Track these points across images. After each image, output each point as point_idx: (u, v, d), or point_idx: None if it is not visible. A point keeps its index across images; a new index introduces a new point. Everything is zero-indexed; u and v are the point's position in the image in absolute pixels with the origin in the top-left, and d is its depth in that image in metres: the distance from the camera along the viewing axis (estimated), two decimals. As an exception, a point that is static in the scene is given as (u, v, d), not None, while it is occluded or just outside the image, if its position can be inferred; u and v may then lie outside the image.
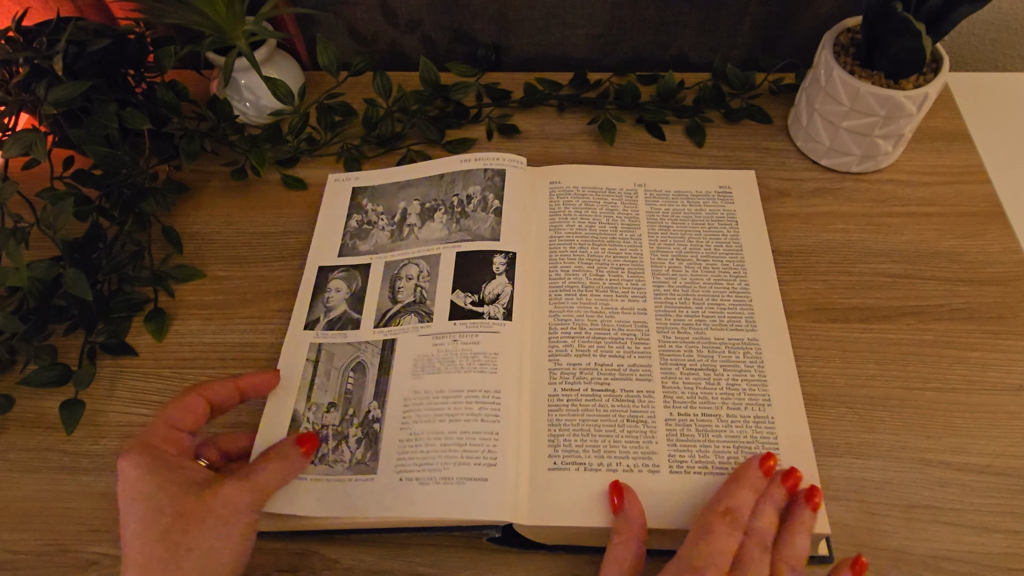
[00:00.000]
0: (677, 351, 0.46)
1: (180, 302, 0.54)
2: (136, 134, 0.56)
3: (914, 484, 0.44)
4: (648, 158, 0.61)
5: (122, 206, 0.54)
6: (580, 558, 0.42)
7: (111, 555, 0.43)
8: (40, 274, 0.48)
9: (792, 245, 0.54)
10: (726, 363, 0.46)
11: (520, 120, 0.64)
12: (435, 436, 0.42)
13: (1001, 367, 0.48)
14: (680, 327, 0.47)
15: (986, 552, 0.41)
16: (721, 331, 0.47)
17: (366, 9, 0.65)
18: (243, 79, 0.62)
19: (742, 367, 0.45)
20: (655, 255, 0.51)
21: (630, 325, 0.47)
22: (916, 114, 0.53)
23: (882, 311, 0.51)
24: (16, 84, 0.51)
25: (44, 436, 0.48)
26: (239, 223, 0.58)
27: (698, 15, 0.64)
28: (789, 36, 0.65)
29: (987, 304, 0.51)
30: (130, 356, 0.51)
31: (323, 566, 0.42)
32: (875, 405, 0.47)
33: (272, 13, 0.57)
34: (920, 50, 0.48)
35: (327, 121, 0.62)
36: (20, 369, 0.50)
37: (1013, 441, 0.45)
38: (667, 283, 0.50)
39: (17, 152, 0.50)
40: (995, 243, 0.54)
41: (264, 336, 0.51)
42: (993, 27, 0.69)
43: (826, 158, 0.58)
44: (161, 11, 0.54)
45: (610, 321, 0.48)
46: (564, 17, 0.65)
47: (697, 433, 0.43)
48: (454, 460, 0.41)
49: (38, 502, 0.45)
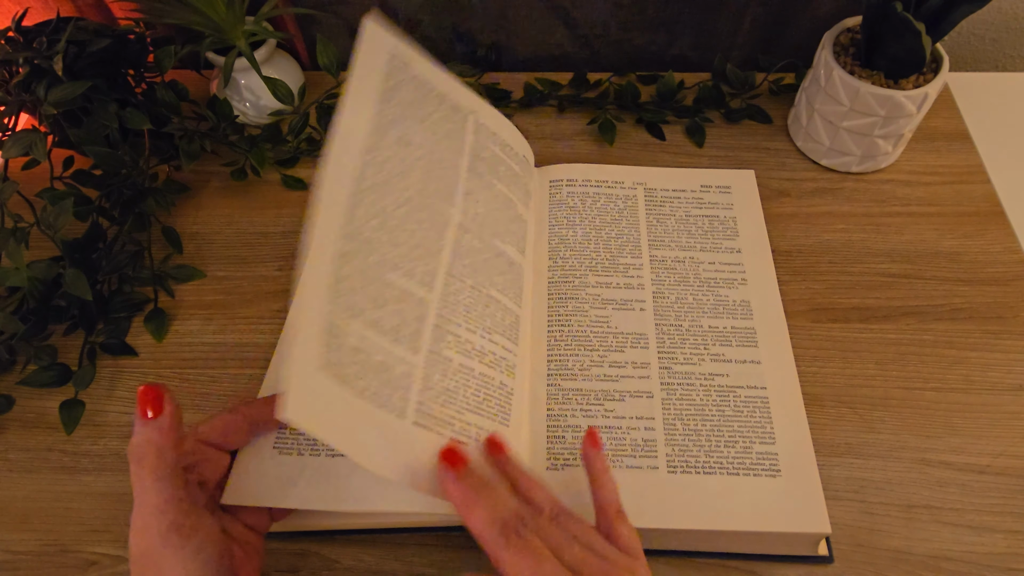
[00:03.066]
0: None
1: (180, 302, 0.54)
2: (136, 134, 0.56)
3: (914, 484, 0.44)
4: (648, 158, 0.61)
5: (122, 206, 0.54)
6: (580, 558, 0.42)
7: (111, 555, 0.43)
8: (40, 274, 0.48)
9: (792, 245, 0.54)
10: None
11: (520, 120, 0.64)
12: None
13: (1001, 367, 0.48)
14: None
15: (986, 552, 0.41)
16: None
17: (366, 9, 0.65)
18: (243, 79, 0.62)
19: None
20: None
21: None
22: (916, 114, 0.53)
23: (882, 311, 0.51)
24: (16, 84, 0.51)
25: (44, 436, 0.48)
26: (239, 223, 0.58)
27: (698, 15, 0.64)
28: (789, 36, 0.65)
29: (987, 304, 0.51)
30: (130, 356, 0.51)
31: (323, 566, 0.42)
32: (875, 405, 0.47)
33: (272, 13, 0.57)
34: (920, 50, 0.48)
35: (327, 121, 0.62)
36: (20, 369, 0.50)
37: (1013, 441, 0.45)
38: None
39: (17, 152, 0.50)
40: (995, 243, 0.54)
41: (264, 336, 0.51)
42: (993, 27, 0.69)
43: (826, 158, 0.58)
44: (161, 11, 0.54)
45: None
46: (564, 17, 0.65)
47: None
48: None
49: (38, 502, 0.45)
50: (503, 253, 0.47)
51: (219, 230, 0.58)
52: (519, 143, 0.53)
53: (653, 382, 0.45)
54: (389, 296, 0.38)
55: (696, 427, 0.43)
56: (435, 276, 0.41)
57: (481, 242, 0.45)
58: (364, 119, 0.40)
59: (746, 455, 0.41)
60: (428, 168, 0.43)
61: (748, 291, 0.49)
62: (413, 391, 0.37)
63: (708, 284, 0.49)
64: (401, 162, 0.41)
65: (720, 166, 0.59)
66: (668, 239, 0.52)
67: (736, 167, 0.58)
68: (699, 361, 0.46)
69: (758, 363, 0.46)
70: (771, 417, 0.43)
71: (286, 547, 0.43)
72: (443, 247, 0.42)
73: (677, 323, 0.47)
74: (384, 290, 0.38)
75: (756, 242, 0.52)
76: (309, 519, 0.41)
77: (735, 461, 0.41)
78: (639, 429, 0.43)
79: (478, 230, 0.45)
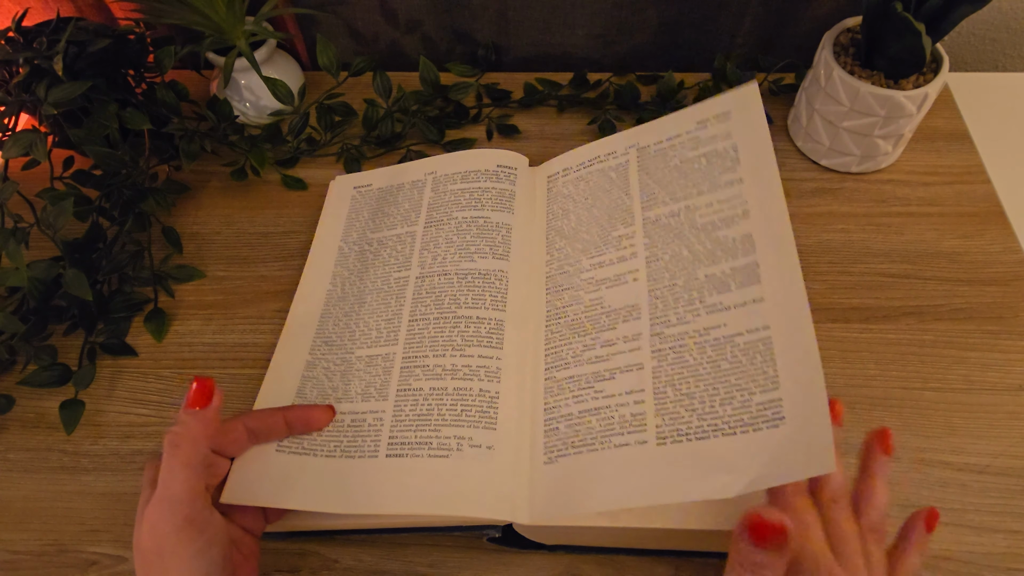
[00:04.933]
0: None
1: (180, 302, 0.54)
2: (136, 134, 0.56)
3: (914, 484, 0.44)
4: (648, 158, 0.61)
5: (122, 206, 0.54)
6: (580, 558, 0.42)
7: (111, 555, 0.43)
8: (40, 274, 0.48)
9: (792, 245, 0.54)
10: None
11: (520, 120, 0.64)
12: None
13: (1001, 367, 0.48)
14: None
15: (986, 552, 0.41)
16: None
17: (366, 9, 0.65)
18: (243, 79, 0.62)
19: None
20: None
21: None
22: (916, 114, 0.53)
23: (882, 311, 0.51)
24: (16, 84, 0.51)
25: (44, 436, 0.48)
26: (239, 223, 0.58)
27: (698, 15, 0.64)
28: (789, 36, 0.65)
29: (987, 304, 0.51)
30: (130, 356, 0.51)
31: (323, 566, 0.42)
32: (875, 405, 0.47)
33: (272, 13, 0.57)
34: (920, 50, 0.48)
35: (327, 121, 0.62)
36: (20, 369, 0.50)
37: (1013, 441, 0.45)
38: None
39: (17, 152, 0.50)
40: (995, 243, 0.54)
41: (264, 336, 0.51)
42: (993, 27, 0.69)
43: (826, 158, 0.58)
44: (161, 11, 0.54)
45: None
46: (564, 17, 0.65)
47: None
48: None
49: (38, 502, 0.45)
50: (471, 271, 0.48)
51: (219, 230, 0.58)
52: (486, 162, 0.54)
53: (644, 353, 0.41)
54: (357, 368, 0.45)
55: (689, 390, 0.39)
56: (398, 330, 0.47)
57: (443, 276, 0.49)
58: (331, 251, 0.53)
59: (744, 410, 0.37)
60: (386, 257, 0.51)
61: (750, 223, 0.42)
62: (384, 431, 0.42)
63: (705, 230, 0.44)
64: (361, 264, 0.51)
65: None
66: (662, 195, 0.47)
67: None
68: (693, 318, 0.41)
69: (760, 301, 0.39)
70: (774, 359, 0.37)
71: (286, 547, 0.43)
72: (403, 304, 0.48)
73: (671, 283, 0.43)
74: (352, 365, 0.46)
75: (759, 166, 0.44)
76: (309, 519, 0.41)
77: (732, 419, 0.37)
78: (628, 404, 0.40)
79: (439, 267, 0.49)
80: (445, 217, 0.52)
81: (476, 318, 0.46)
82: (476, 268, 0.49)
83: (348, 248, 0.53)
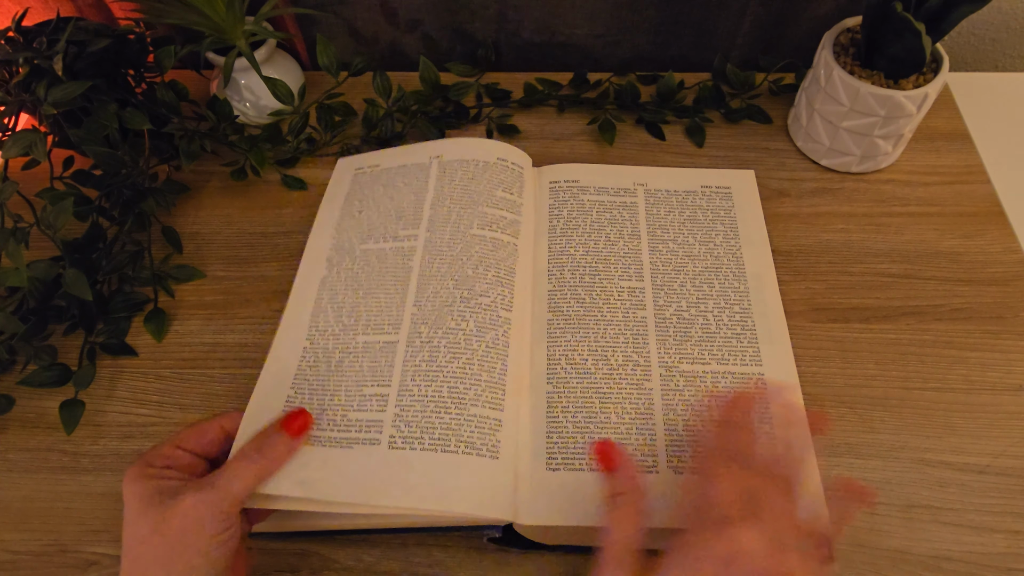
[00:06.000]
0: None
1: (180, 302, 0.54)
2: (136, 134, 0.56)
3: (914, 484, 0.44)
4: (648, 158, 0.61)
5: (122, 206, 0.54)
6: (580, 558, 0.42)
7: (111, 555, 0.43)
8: (40, 274, 0.48)
9: (792, 245, 0.54)
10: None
11: (520, 120, 0.64)
12: None
13: (1001, 367, 0.48)
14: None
15: (986, 552, 0.41)
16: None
17: (366, 9, 0.65)
18: (243, 79, 0.62)
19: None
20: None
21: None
22: (916, 114, 0.53)
23: (882, 311, 0.51)
24: (16, 84, 0.51)
25: (44, 436, 0.48)
26: (239, 223, 0.58)
27: (698, 15, 0.64)
28: (789, 36, 0.65)
29: (987, 304, 0.51)
30: (130, 356, 0.51)
31: (323, 566, 0.42)
32: (875, 405, 0.47)
33: (272, 13, 0.57)
34: (920, 50, 0.48)
35: (327, 121, 0.62)
36: (20, 369, 0.50)
37: (1013, 441, 0.45)
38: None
39: (17, 152, 0.50)
40: (995, 243, 0.54)
41: (264, 336, 0.51)
42: (993, 27, 0.69)
43: (826, 158, 0.58)
44: (161, 11, 0.54)
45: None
46: (564, 17, 0.65)
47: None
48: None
49: (38, 502, 0.45)
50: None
51: (219, 230, 0.58)
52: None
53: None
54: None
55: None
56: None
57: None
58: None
59: None
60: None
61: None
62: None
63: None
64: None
65: (720, 166, 0.59)
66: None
67: (736, 167, 0.58)
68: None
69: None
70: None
71: (286, 547, 0.43)
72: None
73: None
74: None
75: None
76: (309, 519, 0.41)
77: None
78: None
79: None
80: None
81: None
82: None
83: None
